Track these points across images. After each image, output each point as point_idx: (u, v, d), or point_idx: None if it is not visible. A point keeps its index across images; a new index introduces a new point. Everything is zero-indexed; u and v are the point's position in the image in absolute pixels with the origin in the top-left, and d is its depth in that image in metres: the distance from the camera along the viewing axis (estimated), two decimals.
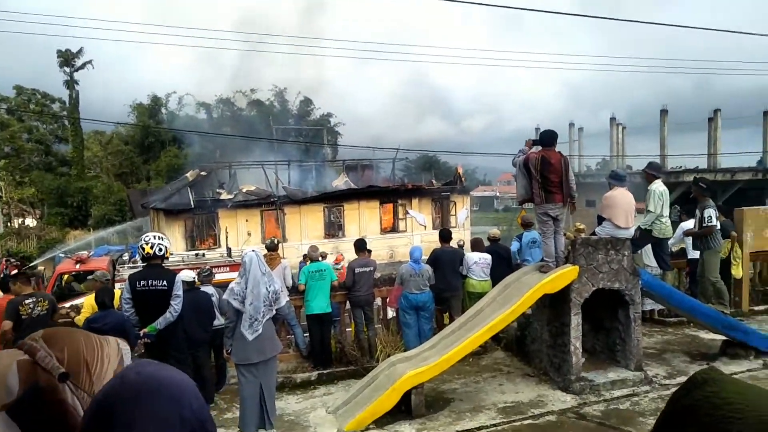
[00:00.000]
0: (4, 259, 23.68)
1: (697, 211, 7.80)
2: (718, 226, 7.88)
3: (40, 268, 20.32)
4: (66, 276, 12.48)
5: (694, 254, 8.85)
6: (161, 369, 1.04)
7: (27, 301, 6.21)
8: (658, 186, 7.43)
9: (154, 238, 5.91)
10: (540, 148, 6.45)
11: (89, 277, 7.24)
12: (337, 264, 12.40)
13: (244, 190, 24.59)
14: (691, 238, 8.71)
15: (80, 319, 7.23)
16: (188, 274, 6.92)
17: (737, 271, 8.82)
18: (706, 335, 7.87)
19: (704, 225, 7.69)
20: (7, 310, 6.05)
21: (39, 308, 6.23)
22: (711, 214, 7.66)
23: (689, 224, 8.98)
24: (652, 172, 7.67)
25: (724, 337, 7.12)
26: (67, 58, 42.71)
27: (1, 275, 11.86)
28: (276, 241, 9.19)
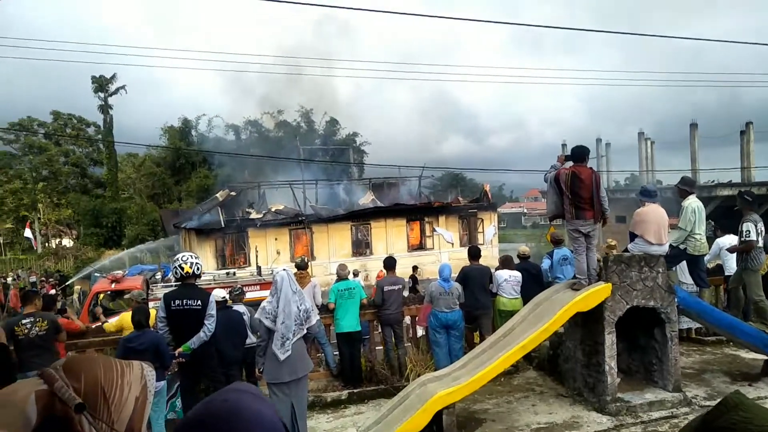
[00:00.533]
0: (40, 279, 24.44)
1: (740, 225, 7.57)
2: (760, 243, 7.61)
3: (77, 287, 20.88)
4: (102, 295, 12.77)
5: (731, 271, 8.62)
6: (251, 400, 1.03)
7: (24, 321, 6.13)
8: (692, 202, 7.28)
9: (191, 257, 6.03)
10: (572, 163, 6.40)
11: (126, 296, 7.40)
12: (355, 279, 12.47)
13: (272, 210, 24.95)
14: (728, 255, 8.50)
15: (109, 326, 7.39)
16: (220, 293, 7.03)
17: None
18: (747, 354, 7.62)
19: (742, 240, 7.48)
20: (4, 329, 5.88)
21: (37, 328, 6.12)
22: (750, 228, 7.42)
23: (725, 240, 8.76)
24: (684, 187, 7.52)
25: (766, 357, 6.89)
26: (101, 84, 44.23)
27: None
28: (305, 260, 9.27)
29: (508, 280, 8.16)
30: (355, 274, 14.51)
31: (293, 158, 32.00)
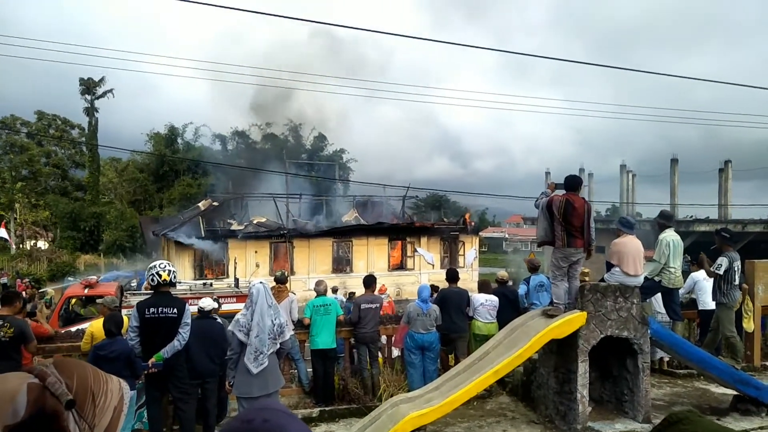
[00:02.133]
0: (13, 279, 23.93)
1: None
2: (736, 281, 7.75)
3: (50, 291, 20.46)
4: (74, 300, 12.52)
5: (705, 305, 8.76)
6: (290, 420, 1.05)
7: None
8: (668, 235, 7.41)
9: (168, 265, 5.97)
10: (563, 191, 6.49)
11: (98, 301, 7.22)
12: (382, 294, 12.47)
13: (254, 222, 24.78)
14: (702, 289, 8.65)
15: (85, 344, 7.18)
16: (209, 302, 6.87)
17: (749, 325, 8.68)
18: (717, 389, 7.70)
19: (712, 271, 7.66)
20: None
21: (2, 333, 5.93)
22: (722, 262, 7.60)
23: (699, 274, 8.92)
24: (662, 221, 7.67)
25: (735, 392, 6.97)
26: (88, 86, 43.86)
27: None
28: (285, 274, 9.21)
29: (485, 304, 8.19)
30: (334, 291, 14.46)
31: (278, 171, 31.95)
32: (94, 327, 6.79)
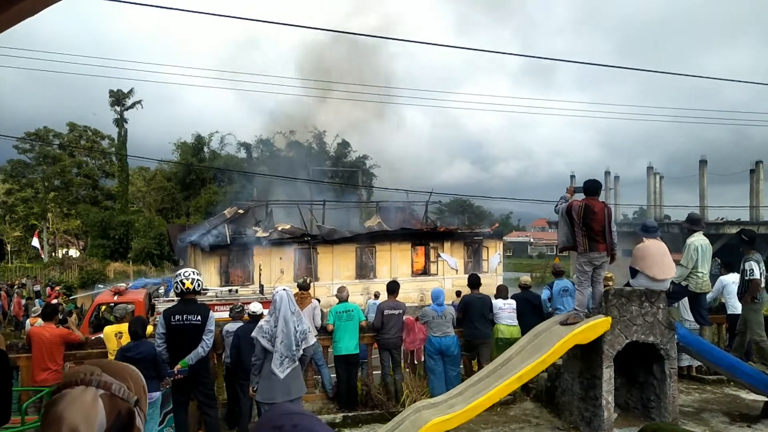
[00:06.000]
0: (45, 287, 24.59)
1: (741, 264, 7.54)
2: (763, 282, 7.58)
3: (77, 299, 20.96)
4: (104, 307, 12.82)
5: (734, 309, 8.55)
6: (317, 423, 1.09)
7: None
8: (696, 239, 7.27)
9: (193, 273, 6.10)
10: (583, 196, 6.46)
11: (116, 313, 7.50)
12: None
13: (279, 229, 25.02)
14: (731, 293, 8.45)
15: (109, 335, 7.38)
16: (258, 307, 7.13)
17: None
18: (748, 395, 7.53)
19: (746, 278, 7.45)
20: None
21: None
22: (753, 267, 7.40)
23: (729, 278, 8.71)
24: (689, 225, 7.54)
25: (766, 399, 6.80)
26: (118, 98, 44.97)
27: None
28: (308, 281, 9.30)
29: (503, 308, 8.28)
30: (376, 296, 14.45)
31: (302, 178, 32.23)
32: (105, 334, 7.02)
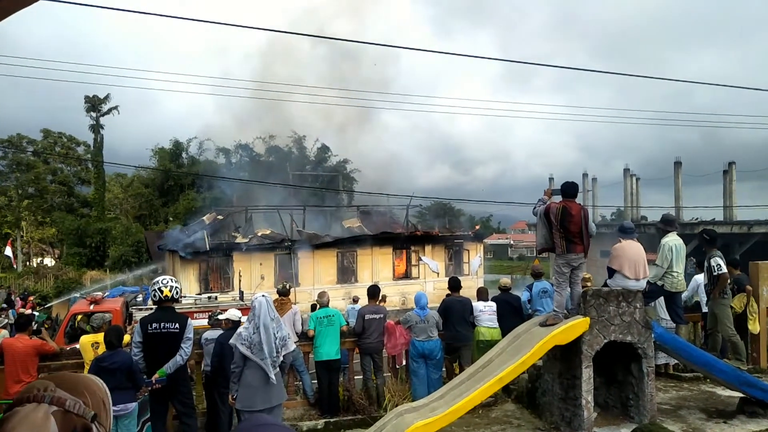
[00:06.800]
0: (19, 297, 23.99)
1: (705, 262, 7.79)
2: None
3: (51, 310, 20.50)
4: (79, 316, 12.58)
5: None
6: None
7: None
8: (670, 240, 7.42)
9: (171, 281, 6.03)
10: (561, 198, 6.54)
11: (92, 322, 7.37)
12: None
13: (259, 234, 24.85)
14: (705, 291, 8.61)
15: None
16: (236, 313, 7.05)
17: (754, 327, 8.64)
18: (723, 392, 7.66)
19: (715, 274, 7.64)
20: None
21: None
22: (719, 262, 7.65)
23: (702, 277, 8.90)
24: (663, 225, 7.70)
25: (741, 395, 6.93)
26: (94, 104, 44.24)
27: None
28: (288, 286, 9.24)
29: (484, 310, 8.31)
30: (355, 301, 14.50)
31: (282, 183, 32.07)
32: (81, 344, 6.89)
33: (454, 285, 8.53)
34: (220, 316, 7.35)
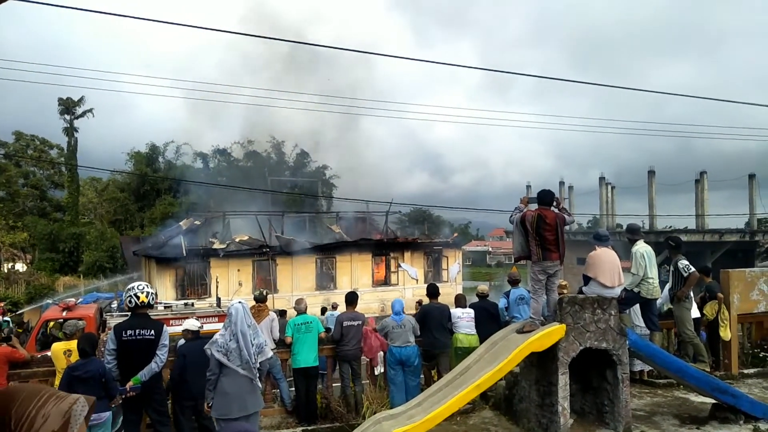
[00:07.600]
0: None
1: (671, 266, 8.01)
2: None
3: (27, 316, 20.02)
4: (52, 323, 12.29)
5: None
6: None
7: None
8: (640, 247, 7.54)
9: (147, 286, 5.94)
10: (537, 206, 6.60)
11: (65, 329, 7.18)
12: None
13: (237, 240, 24.62)
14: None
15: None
16: (194, 323, 6.90)
17: (725, 333, 8.82)
18: (696, 398, 7.79)
19: (685, 274, 7.84)
20: None
21: None
22: (686, 263, 7.89)
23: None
24: (630, 235, 7.86)
25: (713, 401, 7.06)
26: (68, 106, 43.46)
27: None
28: (265, 293, 9.16)
29: (462, 317, 8.34)
30: (334, 307, 14.46)
31: (260, 189, 31.86)
32: (53, 351, 6.72)
33: (433, 292, 8.55)
34: (179, 328, 7.20)
